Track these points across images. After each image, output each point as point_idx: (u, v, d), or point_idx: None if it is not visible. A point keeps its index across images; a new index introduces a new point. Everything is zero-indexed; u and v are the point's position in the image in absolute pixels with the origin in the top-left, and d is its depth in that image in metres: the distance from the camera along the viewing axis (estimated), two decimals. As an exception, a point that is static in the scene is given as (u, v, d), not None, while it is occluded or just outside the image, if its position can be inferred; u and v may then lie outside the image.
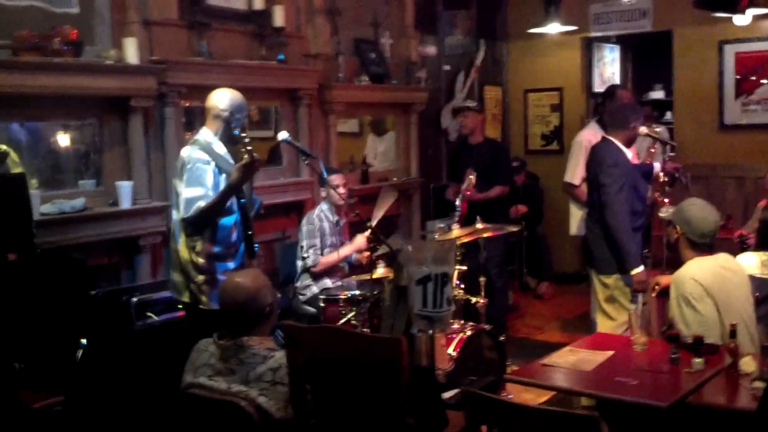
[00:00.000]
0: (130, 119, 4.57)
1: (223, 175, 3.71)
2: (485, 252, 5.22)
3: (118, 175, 4.57)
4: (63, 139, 4.59)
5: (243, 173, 3.59)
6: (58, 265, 3.98)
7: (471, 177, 5.51)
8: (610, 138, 4.58)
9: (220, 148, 3.76)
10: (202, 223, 3.64)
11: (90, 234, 4.32)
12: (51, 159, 4.57)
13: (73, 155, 4.65)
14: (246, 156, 3.58)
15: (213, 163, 3.69)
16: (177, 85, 4.76)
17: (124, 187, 4.46)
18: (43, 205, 4.14)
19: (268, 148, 5.95)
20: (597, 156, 4.60)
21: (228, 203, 3.70)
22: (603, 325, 4.54)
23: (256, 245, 3.88)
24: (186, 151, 3.73)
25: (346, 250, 5.02)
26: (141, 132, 4.62)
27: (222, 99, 3.79)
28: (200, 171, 3.64)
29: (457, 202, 5.85)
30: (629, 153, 4.57)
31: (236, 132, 3.73)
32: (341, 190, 4.86)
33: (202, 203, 3.59)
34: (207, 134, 3.78)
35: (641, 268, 4.34)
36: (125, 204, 4.46)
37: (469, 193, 5.62)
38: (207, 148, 3.71)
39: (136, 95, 4.51)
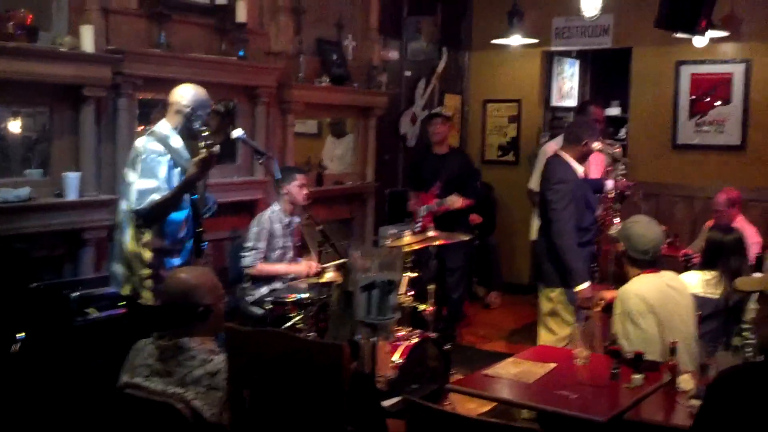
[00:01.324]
0: (82, 109, 4.47)
1: (177, 169, 3.68)
2: (442, 261, 5.24)
3: (66, 165, 4.46)
4: (11, 126, 4.48)
5: (200, 168, 3.58)
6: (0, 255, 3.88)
7: (456, 200, 5.56)
8: (562, 153, 4.62)
9: (177, 142, 3.73)
10: (154, 216, 3.61)
11: (34, 225, 4.21)
12: (-3, 145, 4.46)
13: (21, 143, 4.54)
14: (204, 151, 3.56)
15: (168, 156, 3.67)
16: (133, 76, 4.67)
17: (72, 178, 4.36)
18: (-13, 193, 4.04)
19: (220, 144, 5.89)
20: (546, 172, 4.64)
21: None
22: (544, 339, 4.58)
23: (205, 244, 3.84)
24: (141, 142, 3.69)
25: (290, 269, 4.94)
26: (92, 122, 4.53)
27: (185, 94, 3.77)
28: (154, 162, 3.61)
29: (421, 213, 5.88)
30: (580, 169, 4.61)
31: (196, 126, 3.69)
32: (304, 190, 4.84)
33: (156, 196, 3.56)
34: (165, 127, 3.75)
35: (586, 284, 4.37)
36: (72, 195, 4.36)
37: (443, 210, 5.66)
38: (163, 141, 3.69)
39: (89, 84, 4.41)
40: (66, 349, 3.89)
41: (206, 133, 3.62)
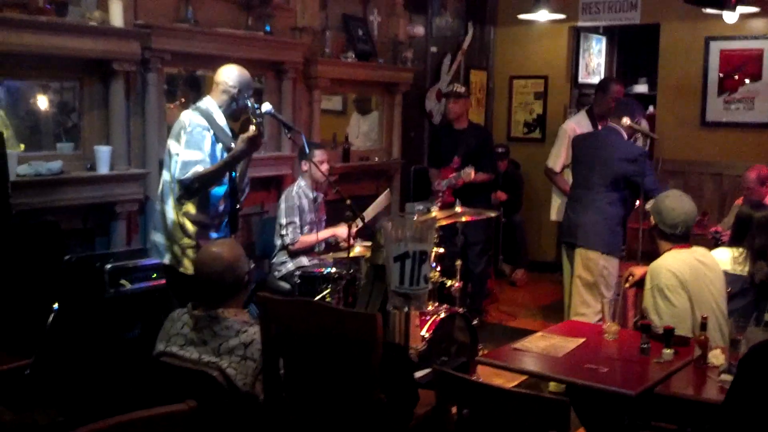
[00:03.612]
0: (112, 83, 4.51)
1: (219, 145, 3.75)
2: (464, 237, 5.24)
3: (97, 139, 4.51)
4: (42, 100, 4.52)
5: (248, 145, 3.64)
6: (32, 228, 3.93)
7: (470, 172, 5.54)
8: (617, 127, 4.62)
9: (221, 120, 3.80)
10: (197, 187, 3.67)
11: (66, 198, 4.27)
12: (29, 120, 4.50)
13: (52, 117, 4.58)
14: (254, 128, 3.62)
15: (212, 131, 3.72)
16: (161, 50, 4.70)
17: (103, 152, 4.41)
18: (20, 166, 4.08)
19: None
20: (615, 142, 4.63)
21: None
22: (579, 311, 4.58)
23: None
24: (186, 115, 3.75)
25: (325, 233, 5.00)
26: (122, 96, 4.57)
27: (231, 75, 3.82)
28: (199, 136, 3.67)
29: (442, 188, 5.88)
30: None
31: (248, 103, 3.75)
32: (324, 166, 4.85)
33: (200, 168, 3.62)
34: (210, 103, 3.81)
35: None
36: (103, 169, 4.41)
37: (461, 183, 5.65)
38: (208, 116, 3.75)
39: (118, 59, 4.44)
40: (100, 321, 3.94)
41: (258, 111, 3.70)
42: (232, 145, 3.74)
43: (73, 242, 4.39)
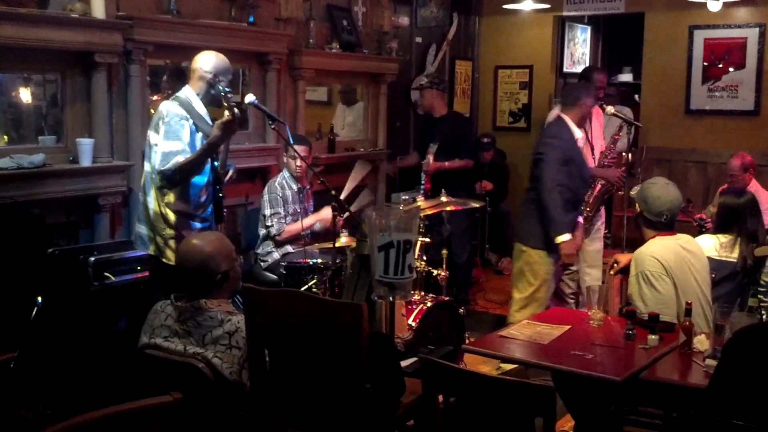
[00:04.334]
0: (94, 75, 4.47)
1: (199, 134, 3.74)
2: (449, 226, 5.24)
3: (80, 132, 4.48)
4: (24, 93, 4.48)
5: (223, 131, 3.62)
6: (15, 221, 3.90)
7: (428, 159, 5.55)
8: (563, 116, 4.65)
9: (200, 108, 3.79)
10: (178, 177, 3.67)
11: (49, 191, 4.24)
12: (11, 113, 4.46)
13: (34, 110, 4.54)
14: (228, 113, 3.61)
15: (191, 121, 3.72)
16: (143, 42, 4.66)
17: (85, 145, 4.37)
18: (1, 159, 4.06)
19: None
20: (543, 132, 4.67)
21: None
22: (513, 298, 4.74)
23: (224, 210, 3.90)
24: (165, 105, 3.74)
25: (310, 220, 5.00)
26: (104, 89, 4.53)
27: (207, 61, 3.81)
28: (178, 125, 3.66)
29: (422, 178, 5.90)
30: (579, 133, 4.65)
31: (220, 88, 3.74)
32: (298, 162, 4.85)
33: (180, 158, 3.62)
34: (189, 92, 3.81)
35: (568, 236, 4.44)
36: (85, 162, 4.38)
37: (431, 170, 5.65)
38: (186, 105, 3.74)
39: (100, 51, 4.40)
40: (84, 314, 3.92)
41: (230, 96, 3.70)
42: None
43: (57, 235, 4.36)
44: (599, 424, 3.25)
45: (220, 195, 3.86)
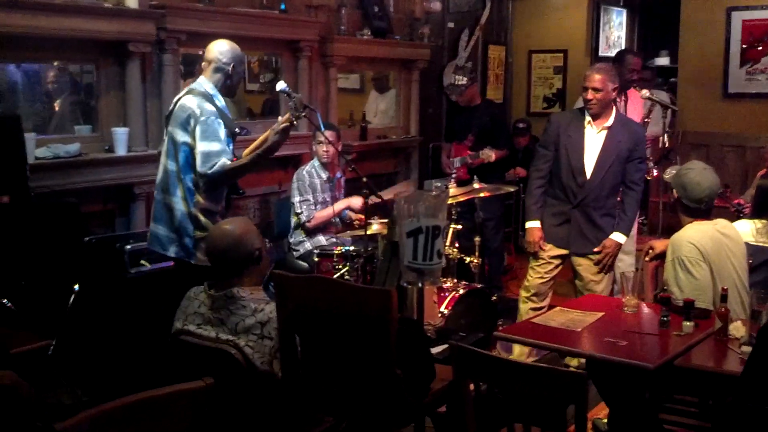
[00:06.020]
0: (128, 65, 4.52)
1: (225, 130, 3.58)
2: (481, 212, 5.22)
3: (114, 121, 4.53)
4: (59, 83, 4.54)
5: (282, 136, 3.55)
6: (51, 210, 3.96)
7: (491, 154, 5.53)
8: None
9: (221, 102, 3.65)
10: (225, 181, 3.57)
11: (84, 180, 4.30)
12: (47, 102, 4.53)
13: (69, 99, 4.60)
14: (287, 116, 3.52)
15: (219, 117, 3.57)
16: (176, 31, 4.69)
17: (120, 134, 4.42)
18: (38, 149, 4.11)
19: (263, 99, 5.92)
20: None
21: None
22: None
23: (242, 191, 3.99)
24: (192, 102, 3.54)
25: (340, 205, 5.01)
26: (138, 78, 4.57)
27: (225, 51, 3.66)
28: (216, 125, 3.50)
29: (455, 165, 5.89)
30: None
31: (285, 88, 3.68)
32: (324, 147, 4.84)
33: (225, 160, 3.47)
34: (207, 85, 3.64)
35: (535, 223, 4.49)
36: (121, 151, 4.43)
37: (477, 163, 5.65)
38: (210, 100, 3.58)
39: (134, 40, 4.44)
40: (120, 301, 3.98)
41: (294, 96, 3.59)
42: (237, 130, 3.69)
43: (94, 224, 4.42)
44: (634, 412, 3.22)
45: (233, 196, 3.83)
